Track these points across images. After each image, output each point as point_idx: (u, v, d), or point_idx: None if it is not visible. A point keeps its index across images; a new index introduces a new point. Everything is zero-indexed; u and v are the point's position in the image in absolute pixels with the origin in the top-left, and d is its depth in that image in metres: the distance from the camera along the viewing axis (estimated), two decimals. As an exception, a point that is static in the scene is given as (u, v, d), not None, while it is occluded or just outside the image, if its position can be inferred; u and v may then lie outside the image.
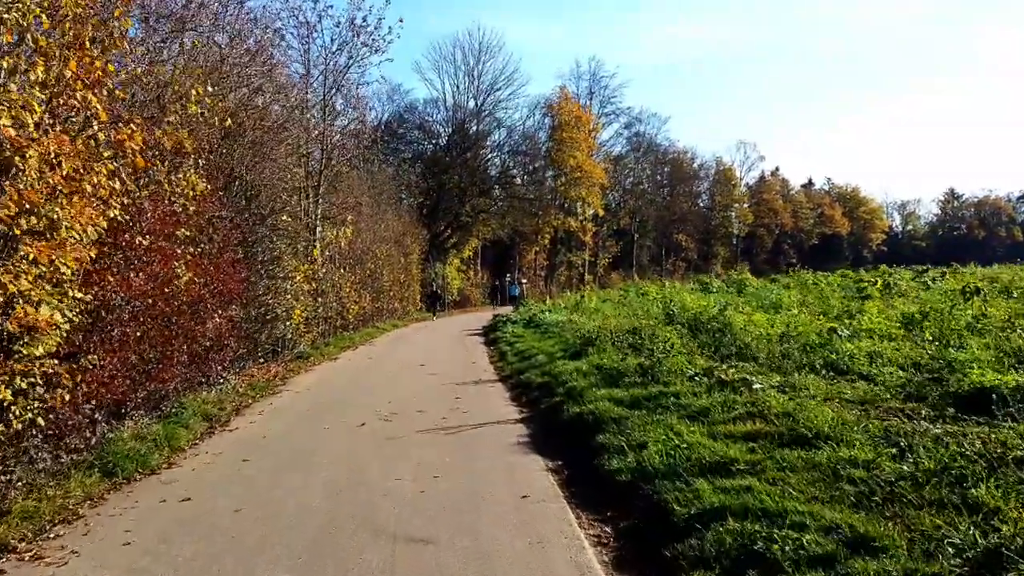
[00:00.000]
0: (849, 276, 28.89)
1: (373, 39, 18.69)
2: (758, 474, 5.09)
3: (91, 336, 7.13)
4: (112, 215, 6.61)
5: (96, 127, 6.50)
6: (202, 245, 10.75)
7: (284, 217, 13.44)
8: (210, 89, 9.57)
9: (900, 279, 20.15)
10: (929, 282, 19.79)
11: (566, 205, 51.95)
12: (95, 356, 7.00)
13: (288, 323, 14.90)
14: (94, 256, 6.83)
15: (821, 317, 12.27)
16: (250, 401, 10.26)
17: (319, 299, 18.12)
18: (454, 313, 37.37)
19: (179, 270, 9.14)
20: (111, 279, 7.25)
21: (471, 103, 47.27)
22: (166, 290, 8.79)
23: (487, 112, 47.49)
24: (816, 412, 6.14)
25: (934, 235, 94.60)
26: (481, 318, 30.04)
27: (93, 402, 7.40)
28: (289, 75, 17.30)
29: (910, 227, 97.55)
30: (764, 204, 76.32)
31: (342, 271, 20.62)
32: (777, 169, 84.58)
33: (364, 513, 5.32)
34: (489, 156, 48.47)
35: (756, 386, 7.47)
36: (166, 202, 8.74)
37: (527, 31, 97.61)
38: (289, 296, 14.61)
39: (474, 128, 46.95)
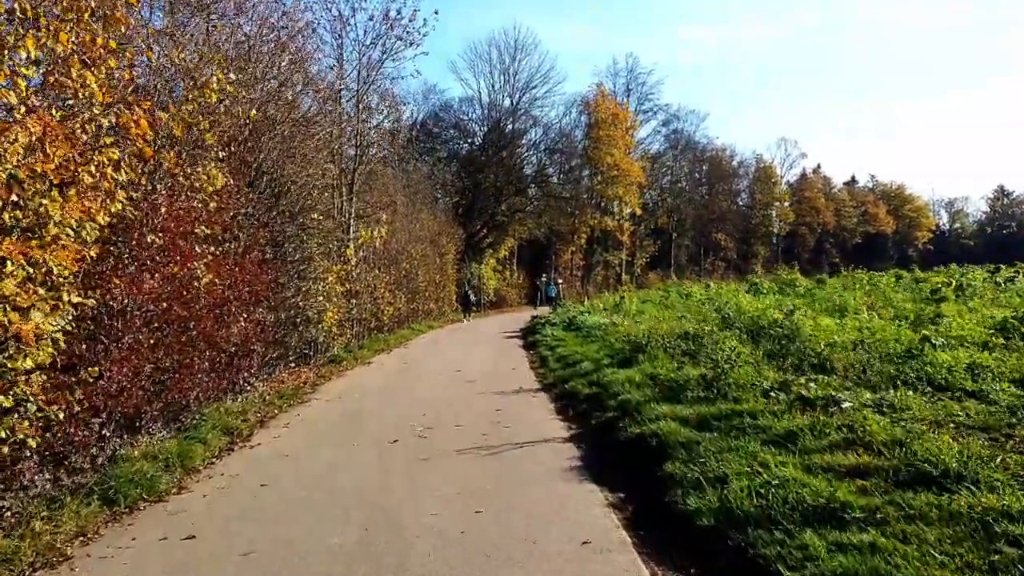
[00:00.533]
0: (904, 276, 27.21)
1: (407, 32, 17.90)
2: (880, 526, 4.05)
3: (95, 345, 6.40)
4: (116, 209, 5.85)
5: (96, 110, 5.75)
6: (228, 244, 10.06)
7: (315, 215, 12.69)
8: (232, 77, 8.81)
9: (973, 279, 18.60)
10: (1002, 282, 18.20)
11: (603, 204, 50.72)
12: (98, 367, 6.25)
13: (320, 326, 14.18)
14: (96, 256, 6.10)
15: (898, 322, 11.02)
16: (276, 411, 9.49)
17: (352, 300, 17.41)
18: (490, 314, 36.52)
19: (199, 271, 8.41)
20: (117, 281, 6.50)
21: (507, 101, 46.43)
22: (184, 293, 8.05)
23: (523, 110, 46.60)
24: (935, 442, 5.05)
25: (983, 233, 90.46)
26: (518, 319, 29.13)
27: (102, 416, 6.70)
28: (320, 69, 16.60)
29: (958, 225, 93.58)
30: (806, 202, 73.85)
31: (377, 271, 19.91)
32: (819, 167, 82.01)
33: (395, 559, 4.42)
34: (525, 155, 47.55)
35: (845, 405, 6.38)
36: (183, 197, 8.00)
37: (562, 32, 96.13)
38: (321, 298, 13.87)
39: (510, 126, 46.08)
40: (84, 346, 6.23)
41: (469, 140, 46.19)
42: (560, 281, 44.12)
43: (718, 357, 8.20)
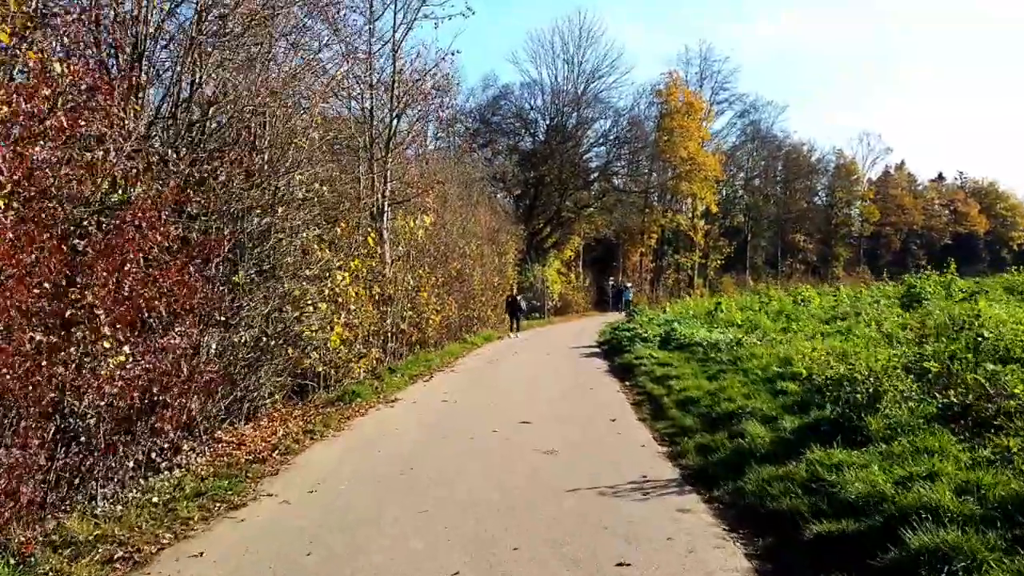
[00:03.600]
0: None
1: (456, -44, 12.95)
2: None
3: None
4: None
5: None
6: (119, 212, 5.27)
7: (299, 176, 7.73)
8: None
9: None
10: None
11: (674, 201, 44.82)
12: None
13: (324, 349, 9.25)
14: None
15: None
16: (168, 537, 4.52)
17: (383, 307, 12.55)
18: (555, 321, 31.29)
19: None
20: None
21: (571, 91, 41.08)
22: None
23: (589, 101, 41.19)
24: None
25: (1082, 232, 79.06)
26: (588, 328, 23.90)
27: None
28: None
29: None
30: (891, 200, 65.43)
31: (421, 271, 15.01)
32: (903, 163, 72.98)
33: None
34: (591, 147, 42.18)
35: None
36: None
37: (629, 33, 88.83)
38: (323, 306, 8.99)
39: (574, 117, 40.78)
40: None
41: (531, 132, 41.13)
42: (629, 284, 38.72)
43: None
